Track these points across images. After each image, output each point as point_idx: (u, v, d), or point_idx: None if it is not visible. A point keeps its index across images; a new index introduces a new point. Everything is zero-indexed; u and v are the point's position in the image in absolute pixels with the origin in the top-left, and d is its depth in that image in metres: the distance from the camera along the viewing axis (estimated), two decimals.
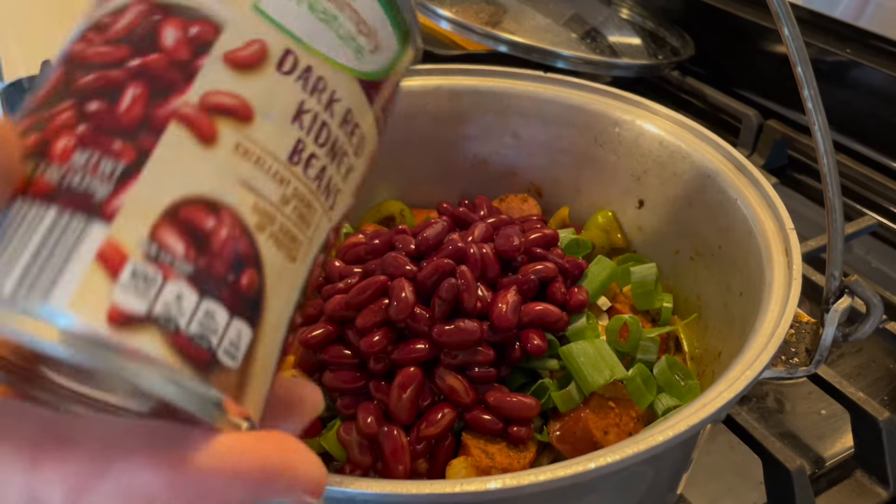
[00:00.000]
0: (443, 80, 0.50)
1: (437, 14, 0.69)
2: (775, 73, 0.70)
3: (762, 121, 0.65)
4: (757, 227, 0.36)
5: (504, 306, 0.37)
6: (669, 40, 0.73)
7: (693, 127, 0.43)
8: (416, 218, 0.51)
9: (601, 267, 0.42)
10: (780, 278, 0.32)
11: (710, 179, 0.40)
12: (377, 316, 0.38)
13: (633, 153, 0.45)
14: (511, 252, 0.40)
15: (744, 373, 0.27)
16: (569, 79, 0.48)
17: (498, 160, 0.51)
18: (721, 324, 0.38)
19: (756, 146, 0.66)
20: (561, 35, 0.69)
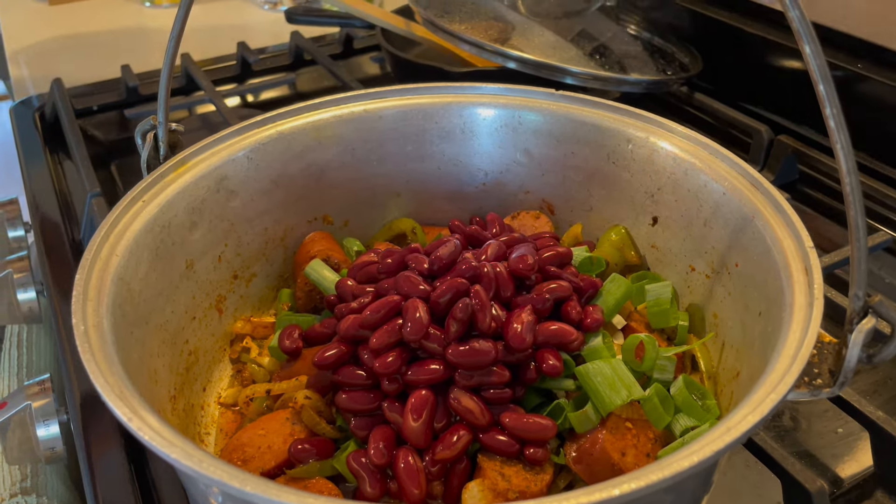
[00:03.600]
0: (453, 97, 0.49)
1: (446, 30, 0.69)
2: (784, 87, 0.70)
3: (773, 136, 0.65)
4: (775, 245, 0.35)
5: (519, 326, 0.37)
6: (678, 56, 0.73)
7: (707, 144, 0.42)
8: (427, 236, 0.51)
9: (616, 285, 0.41)
10: (800, 298, 0.32)
11: (726, 197, 0.40)
12: (391, 336, 0.37)
13: (647, 170, 0.45)
14: (525, 271, 0.40)
15: (768, 396, 0.27)
16: (580, 96, 0.48)
17: (510, 177, 0.50)
18: (739, 343, 0.38)
19: (767, 161, 0.66)
20: (569, 51, 0.69)
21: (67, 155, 0.77)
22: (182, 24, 0.39)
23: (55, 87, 0.80)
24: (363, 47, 0.91)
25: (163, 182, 0.41)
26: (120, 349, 0.33)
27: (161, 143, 0.43)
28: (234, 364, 0.46)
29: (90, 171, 0.66)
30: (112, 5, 1.12)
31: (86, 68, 0.92)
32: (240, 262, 0.46)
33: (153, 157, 0.43)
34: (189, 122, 0.79)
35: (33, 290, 0.71)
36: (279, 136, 0.46)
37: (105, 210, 0.61)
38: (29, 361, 0.76)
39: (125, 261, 0.37)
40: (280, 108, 0.83)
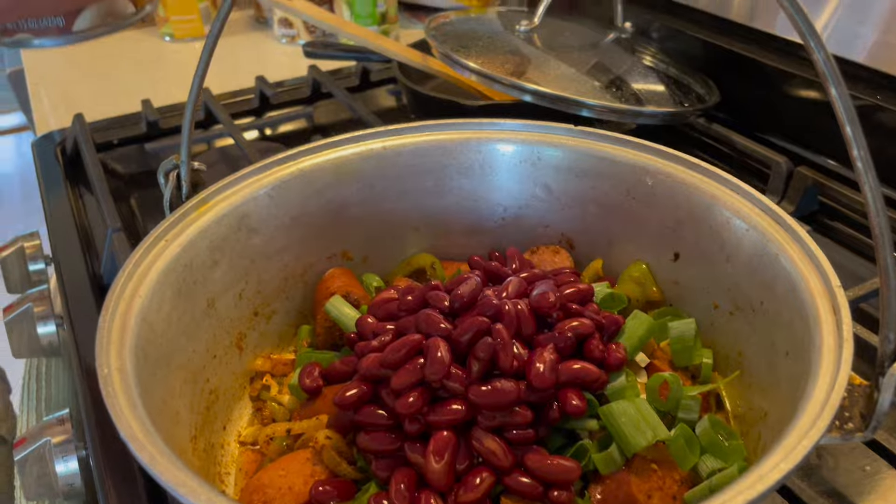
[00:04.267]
0: (472, 133, 0.50)
1: (462, 64, 0.69)
2: (802, 118, 0.70)
3: (792, 167, 0.65)
4: (801, 283, 0.35)
5: (541, 366, 0.37)
6: (694, 87, 0.73)
7: (728, 180, 0.42)
8: (446, 270, 0.51)
9: (638, 322, 0.41)
10: (829, 339, 0.31)
11: (749, 233, 0.40)
12: (412, 376, 0.37)
13: (667, 206, 0.45)
14: (547, 309, 0.39)
15: (800, 442, 0.26)
16: (599, 131, 0.48)
17: (529, 212, 0.50)
18: (766, 383, 0.37)
19: (786, 193, 0.65)
20: (585, 84, 0.69)
21: (88, 189, 0.78)
22: (205, 68, 0.39)
23: (77, 123, 0.81)
24: (379, 80, 0.92)
25: (185, 221, 0.42)
26: (143, 391, 0.33)
27: (183, 182, 0.43)
28: (253, 402, 0.46)
29: (111, 207, 0.66)
30: (132, 39, 1.14)
31: (106, 102, 0.93)
32: (260, 299, 0.46)
33: (175, 195, 0.43)
34: (208, 155, 0.80)
35: (53, 324, 0.71)
36: (300, 173, 0.47)
37: (126, 245, 0.61)
38: (48, 395, 0.77)
39: (148, 301, 0.37)
40: (298, 140, 0.84)
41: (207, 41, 0.39)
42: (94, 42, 1.13)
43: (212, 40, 0.39)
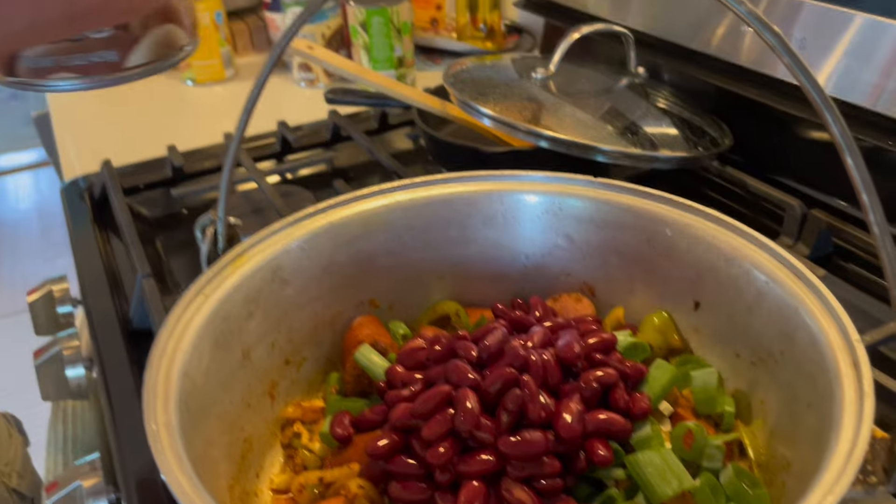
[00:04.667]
0: (496, 185, 0.51)
1: (480, 112, 0.71)
2: (815, 161, 0.71)
3: (806, 210, 0.66)
4: (821, 336, 0.36)
5: (569, 416, 0.38)
6: (707, 130, 0.75)
7: (747, 232, 0.44)
8: (470, 317, 0.52)
9: (661, 371, 0.42)
10: (850, 392, 0.32)
11: (769, 286, 0.41)
12: (443, 426, 0.38)
13: (687, 257, 0.46)
14: (572, 359, 0.41)
15: (825, 498, 0.27)
16: (619, 183, 0.49)
17: (551, 261, 0.52)
18: (789, 433, 0.38)
19: (801, 235, 0.66)
20: (600, 129, 0.71)
21: (116, 233, 0.80)
22: (242, 132, 0.41)
23: (105, 169, 0.83)
24: (397, 123, 0.94)
25: (222, 275, 0.43)
26: (186, 444, 0.34)
27: (220, 237, 0.45)
28: (285, 449, 0.47)
29: (140, 252, 0.68)
30: (155, 83, 1.17)
31: (131, 147, 0.96)
32: (291, 347, 0.48)
33: (212, 250, 0.45)
34: (232, 200, 0.82)
35: (82, 367, 0.73)
36: (329, 226, 0.48)
37: (155, 291, 0.63)
38: (74, 436, 0.78)
39: (189, 355, 0.38)
40: (318, 183, 0.86)
41: (247, 104, 0.41)
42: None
43: (251, 104, 0.41)
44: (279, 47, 0.41)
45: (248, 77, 1.17)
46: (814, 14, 0.67)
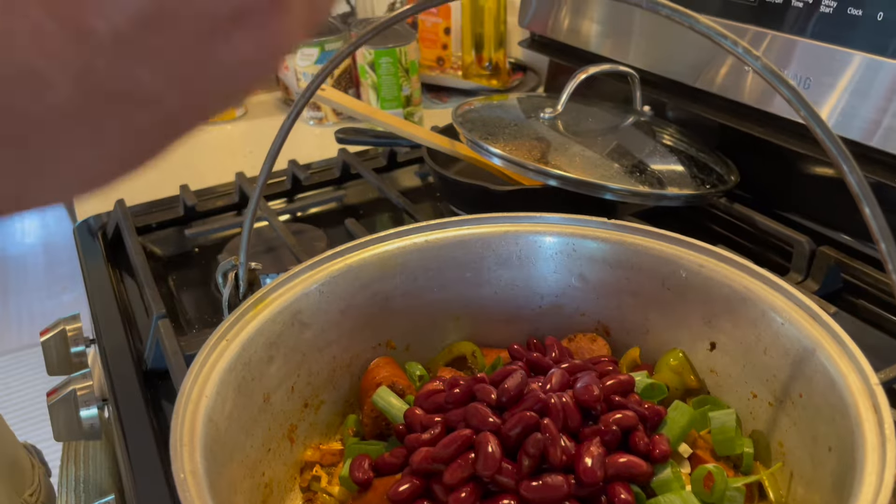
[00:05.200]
0: (510, 227, 0.52)
1: (490, 151, 0.72)
2: (821, 197, 0.72)
3: (814, 247, 0.66)
4: (839, 380, 0.36)
5: (590, 460, 0.38)
6: (714, 167, 0.76)
7: (761, 274, 0.44)
8: (486, 357, 0.52)
9: (680, 413, 0.42)
10: (871, 437, 0.33)
11: (785, 328, 0.41)
12: (464, 471, 0.39)
13: (702, 297, 0.46)
14: (592, 402, 0.41)
15: None
16: (633, 224, 0.50)
17: (566, 301, 0.52)
18: (809, 476, 0.38)
19: (810, 271, 0.67)
20: (608, 168, 0.72)
21: (129, 272, 0.80)
22: (263, 183, 0.42)
23: (118, 208, 0.84)
24: (406, 161, 0.95)
25: (244, 320, 0.44)
26: (213, 492, 0.34)
27: (241, 282, 0.45)
28: (304, 492, 0.47)
29: (155, 293, 0.69)
30: None
31: (141, 185, 0.97)
32: (310, 390, 0.48)
33: (233, 294, 0.45)
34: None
35: (95, 408, 0.73)
36: (347, 268, 0.49)
37: (170, 331, 0.64)
38: (86, 476, 0.78)
39: (213, 401, 0.39)
40: (329, 221, 0.87)
41: (269, 155, 0.42)
42: None
43: (272, 156, 0.42)
44: (303, 99, 0.42)
45: (259, 115, 1.19)
46: (809, 52, 0.68)
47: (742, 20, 0.74)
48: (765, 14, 0.72)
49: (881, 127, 0.64)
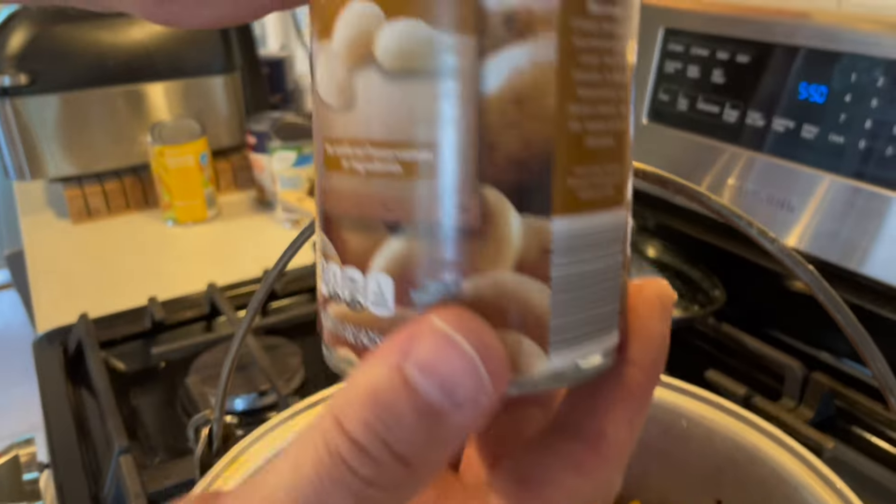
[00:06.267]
0: None
1: None
2: (811, 318, 0.71)
3: (807, 373, 0.65)
4: None
5: None
6: (700, 284, 0.75)
7: (768, 430, 0.42)
8: None
9: None
10: None
11: (795, 491, 0.39)
12: None
13: (705, 450, 0.44)
14: None
15: None
16: None
17: None
18: None
19: (803, 397, 0.65)
20: None
21: (90, 389, 0.76)
22: (243, 336, 0.39)
23: (81, 323, 0.80)
24: None
25: (217, 483, 0.40)
26: None
27: (215, 438, 0.42)
28: None
29: (118, 422, 0.65)
30: (135, 223, 1.16)
31: (109, 293, 0.93)
32: None
33: (206, 453, 0.42)
34: (214, 355, 0.79)
35: None
36: None
37: (132, 469, 0.59)
38: None
39: None
40: (303, 333, 0.83)
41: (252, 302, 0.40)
42: (98, 226, 1.14)
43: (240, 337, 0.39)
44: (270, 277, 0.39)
45: (231, 216, 1.17)
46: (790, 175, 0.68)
47: (724, 140, 0.75)
48: (747, 135, 0.73)
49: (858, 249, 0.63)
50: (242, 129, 1.22)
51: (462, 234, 0.19)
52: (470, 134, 0.18)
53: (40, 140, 1.11)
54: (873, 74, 0.62)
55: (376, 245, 0.19)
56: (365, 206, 0.19)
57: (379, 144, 0.19)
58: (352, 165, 0.20)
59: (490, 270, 0.19)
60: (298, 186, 1.05)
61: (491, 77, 0.18)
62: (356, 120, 0.19)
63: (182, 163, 1.08)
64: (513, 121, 0.18)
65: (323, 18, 0.20)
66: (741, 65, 0.72)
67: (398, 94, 0.18)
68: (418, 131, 0.18)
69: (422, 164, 0.18)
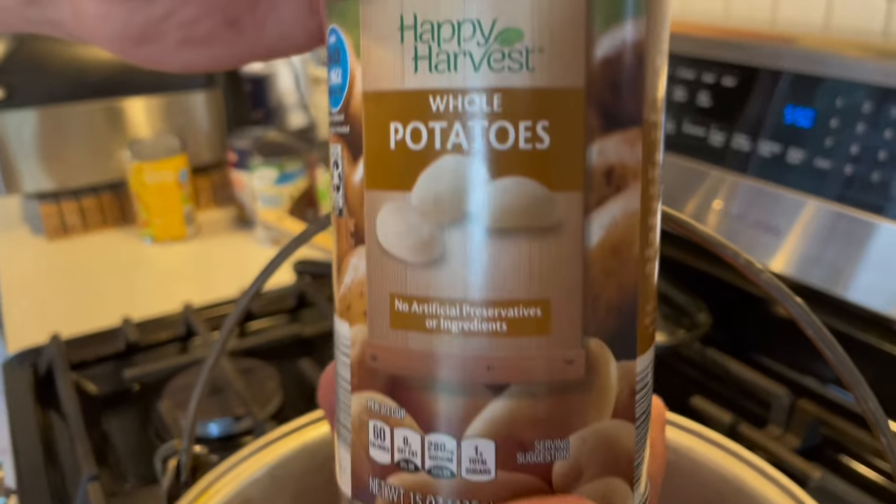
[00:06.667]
0: None
1: None
2: (796, 345, 0.71)
3: (792, 399, 0.64)
4: None
5: None
6: (685, 308, 0.74)
7: (754, 463, 0.41)
8: None
9: None
10: None
11: None
12: None
13: (693, 483, 0.43)
14: None
15: None
16: None
17: None
18: None
19: (789, 425, 0.64)
20: None
21: (60, 413, 0.74)
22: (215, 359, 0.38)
23: (53, 345, 0.78)
24: None
25: None
26: None
27: (183, 469, 0.40)
28: None
29: (87, 448, 0.62)
30: (111, 240, 1.13)
31: (82, 311, 0.91)
32: None
33: (174, 485, 0.40)
34: (187, 378, 0.77)
35: None
36: (303, 447, 0.44)
37: (101, 497, 0.57)
38: None
39: None
40: (281, 355, 0.82)
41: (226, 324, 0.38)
42: (73, 243, 1.12)
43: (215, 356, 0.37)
44: (245, 298, 0.38)
45: (210, 235, 1.15)
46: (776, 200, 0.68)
47: (710, 162, 0.74)
48: (733, 158, 0.72)
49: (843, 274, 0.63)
50: (223, 146, 1.20)
51: (569, 388, 0.18)
52: (578, 287, 0.18)
53: (17, 155, 1.09)
54: (858, 99, 0.62)
55: (476, 409, 0.18)
56: (463, 369, 0.18)
57: (481, 303, 0.18)
58: (441, 325, 0.19)
59: (595, 422, 0.19)
60: (279, 205, 1.04)
61: (594, 230, 0.18)
62: (448, 278, 0.18)
63: (160, 179, 1.06)
64: (611, 270, 0.19)
65: (393, 168, 0.19)
66: (727, 88, 0.72)
67: (505, 251, 0.18)
68: (527, 288, 0.18)
69: (531, 322, 0.18)
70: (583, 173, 0.18)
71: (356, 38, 0.19)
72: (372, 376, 0.20)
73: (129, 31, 0.21)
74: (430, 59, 0.18)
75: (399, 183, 0.19)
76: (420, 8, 0.18)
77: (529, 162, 0.18)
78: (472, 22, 0.17)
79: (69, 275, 1.03)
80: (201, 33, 0.22)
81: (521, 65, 0.17)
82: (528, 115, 0.18)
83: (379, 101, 0.19)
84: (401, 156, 0.19)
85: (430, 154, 0.18)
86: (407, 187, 0.19)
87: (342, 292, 0.21)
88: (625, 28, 0.18)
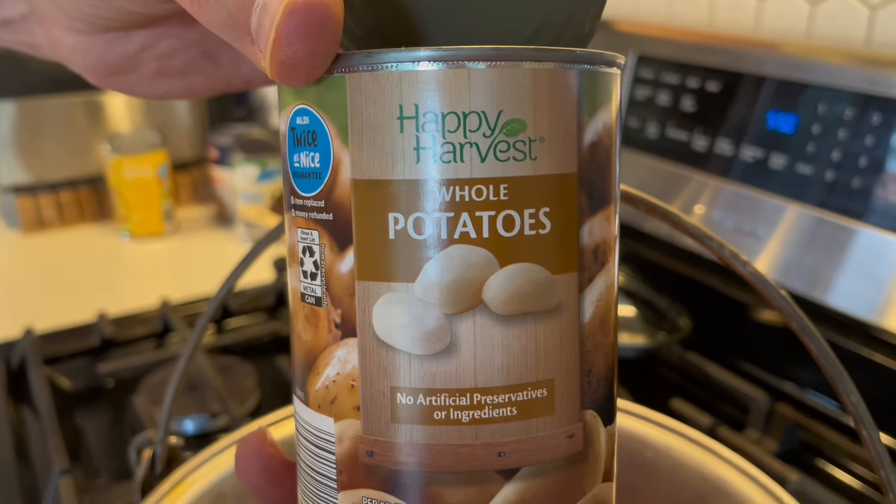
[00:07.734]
0: None
1: None
2: (776, 349, 0.71)
3: (771, 404, 0.64)
4: None
5: None
6: (665, 312, 0.74)
7: (733, 461, 0.41)
8: None
9: None
10: None
11: None
12: None
13: (672, 482, 0.43)
14: None
15: None
16: None
17: None
18: None
19: (767, 429, 0.64)
20: None
21: (31, 406, 0.72)
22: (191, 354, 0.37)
23: (26, 339, 0.77)
24: None
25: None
26: None
27: (158, 460, 0.39)
28: None
29: (59, 443, 0.61)
30: (88, 236, 1.12)
31: (58, 306, 0.89)
32: None
33: (148, 476, 0.39)
34: (163, 375, 0.76)
35: None
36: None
37: (72, 492, 0.56)
38: None
39: None
40: (259, 353, 0.81)
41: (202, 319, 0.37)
42: (49, 237, 1.10)
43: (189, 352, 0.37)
44: (220, 293, 0.37)
45: (189, 231, 1.13)
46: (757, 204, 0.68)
47: (692, 167, 0.75)
48: (715, 163, 0.73)
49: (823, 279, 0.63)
50: (205, 143, 1.19)
51: (571, 461, 0.19)
52: (576, 364, 0.19)
53: None
54: (841, 105, 0.62)
55: (488, 497, 0.18)
56: (474, 457, 0.18)
57: (493, 390, 0.18)
58: (450, 416, 0.18)
59: (592, 489, 0.19)
60: (260, 202, 1.03)
61: (587, 307, 0.19)
62: (458, 368, 0.18)
63: (140, 174, 1.05)
64: (599, 343, 0.19)
65: (392, 258, 0.18)
66: (711, 93, 0.72)
67: (514, 337, 0.18)
68: (535, 371, 0.18)
69: (538, 403, 0.18)
70: (577, 254, 0.19)
71: (341, 124, 0.18)
72: (367, 473, 0.19)
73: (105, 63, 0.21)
74: (434, 149, 0.18)
75: (399, 274, 0.18)
76: (421, 100, 0.17)
77: (533, 247, 0.18)
78: (478, 114, 0.17)
79: (45, 269, 1.02)
80: (178, 65, 0.21)
81: (525, 154, 0.18)
82: (533, 202, 0.18)
83: (373, 190, 0.18)
84: (401, 246, 0.18)
85: (435, 244, 0.18)
86: (409, 278, 0.18)
87: (321, 385, 0.20)
88: (603, 113, 0.19)
